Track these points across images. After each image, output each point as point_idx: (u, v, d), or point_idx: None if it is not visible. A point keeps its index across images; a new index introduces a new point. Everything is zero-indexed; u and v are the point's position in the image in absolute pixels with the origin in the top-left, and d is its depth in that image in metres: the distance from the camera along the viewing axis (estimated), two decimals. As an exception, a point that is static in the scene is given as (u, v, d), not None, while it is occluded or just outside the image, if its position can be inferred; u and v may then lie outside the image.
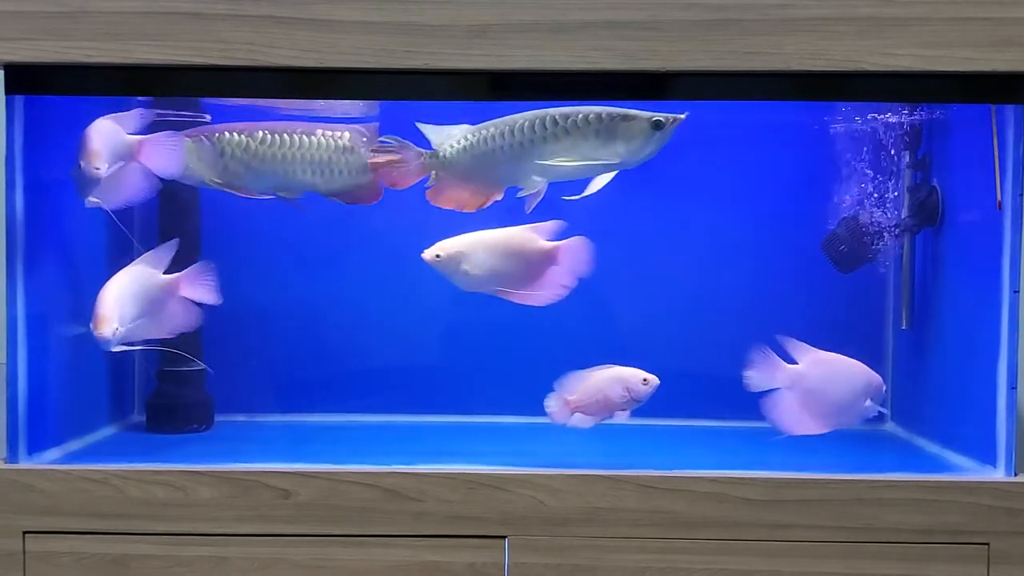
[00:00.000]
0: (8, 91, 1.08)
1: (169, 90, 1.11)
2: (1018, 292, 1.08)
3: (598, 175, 1.16)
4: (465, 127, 1.19)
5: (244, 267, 1.43)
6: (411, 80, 1.06)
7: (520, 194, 1.19)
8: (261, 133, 1.23)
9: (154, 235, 1.37)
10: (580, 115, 1.14)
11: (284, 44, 1.03)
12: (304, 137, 1.23)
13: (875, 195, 1.32)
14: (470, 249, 1.22)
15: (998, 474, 1.08)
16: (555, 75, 1.05)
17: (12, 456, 1.09)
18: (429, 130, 1.19)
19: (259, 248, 1.43)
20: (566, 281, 1.22)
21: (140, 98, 1.30)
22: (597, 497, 1.05)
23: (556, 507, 1.05)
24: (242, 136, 1.21)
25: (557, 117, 1.14)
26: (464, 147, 1.18)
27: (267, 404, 1.43)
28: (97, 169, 1.12)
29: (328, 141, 1.24)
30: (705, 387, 1.43)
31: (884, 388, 1.20)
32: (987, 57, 1.02)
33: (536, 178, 1.17)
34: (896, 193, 1.35)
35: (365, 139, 1.24)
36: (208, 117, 1.32)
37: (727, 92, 1.08)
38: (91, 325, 1.13)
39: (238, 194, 1.24)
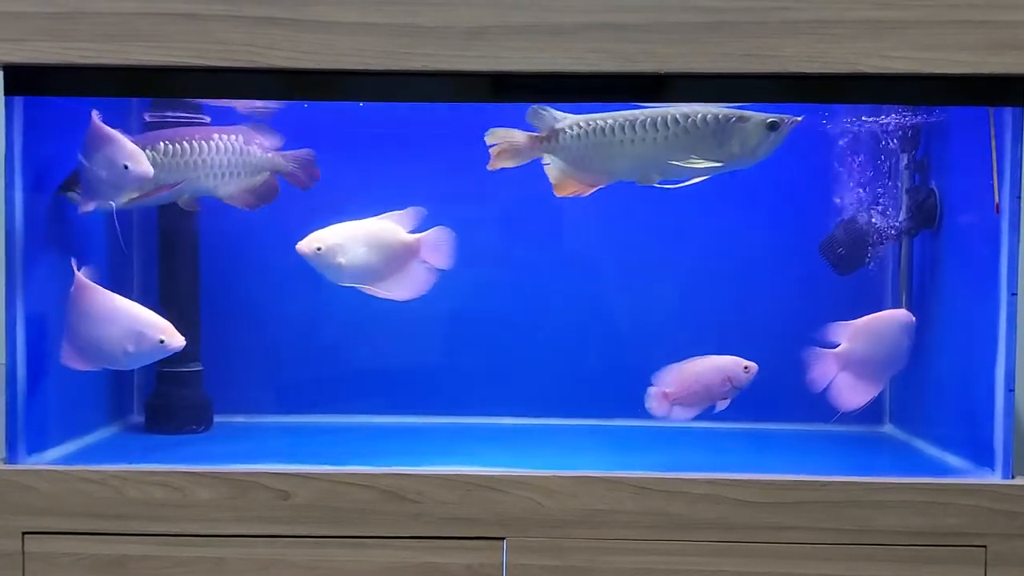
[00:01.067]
0: (7, 92, 1.08)
1: (167, 91, 1.12)
2: (1016, 295, 1.08)
3: (713, 174, 1.17)
4: (575, 116, 1.19)
5: (243, 268, 1.43)
6: (409, 81, 1.06)
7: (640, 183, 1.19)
8: (163, 144, 1.22)
9: (153, 235, 1.38)
10: (699, 115, 1.15)
11: (282, 46, 1.03)
12: (202, 143, 1.23)
13: (873, 198, 1.33)
14: (348, 241, 1.21)
15: (995, 476, 1.08)
16: (553, 77, 1.05)
17: (11, 456, 1.09)
18: (536, 115, 1.19)
19: (258, 249, 1.43)
20: (426, 275, 1.22)
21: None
22: (594, 499, 1.05)
23: (554, 509, 1.05)
24: (146, 150, 1.20)
25: (678, 117, 1.15)
26: (578, 135, 1.18)
27: (266, 405, 1.43)
28: (136, 168, 1.12)
29: (224, 144, 1.23)
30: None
31: (913, 318, 1.23)
32: (984, 60, 1.02)
33: (654, 175, 1.18)
34: (895, 196, 1.36)
35: (257, 140, 1.25)
36: (208, 119, 1.33)
37: (725, 94, 1.08)
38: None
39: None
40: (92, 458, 1.17)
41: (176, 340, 1.17)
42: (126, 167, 1.15)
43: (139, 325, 1.16)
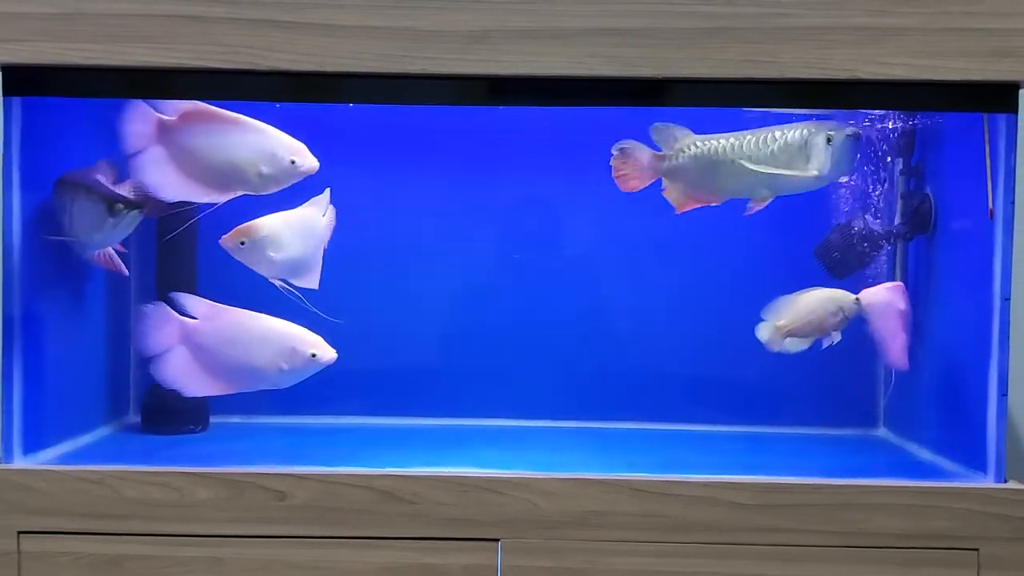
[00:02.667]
0: (6, 93, 1.08)
1: (167, 93, 1.12)
2: (1009, 299, 1.08)
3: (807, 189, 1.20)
4: (690, 135, 1.20)
5: (240, 268, 1.43)
6: (410, 85, 1.07)
7: (749, 206, 1.21)
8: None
9: (151, 232, 1.37)
10: (789, 132, 1.17)
11: (283, 48, 1.03)
12: None
13: (869, 202, 1.33)
14: (276, 232, 1.19)
15: (988, 480, 1.09)
16: (552, 81, 1.06)
17: (8, 456, 1.09)
18: (660, 132, 1.21)
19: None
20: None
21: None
22: (590, 500, 1.06)
23: (549, 510, 1.06)
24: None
25: (777, 135, 1.17)
26: (694, 155, 1.19)
27: (263, 405, 1.43)
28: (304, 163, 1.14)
29: None
30: (698, 391, 1.44)
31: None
32: (980, 67, 1.03)
33: (764, 191, 1.19)
34: (890, 200, 1.36)
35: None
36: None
37: (723, 99, 1.09)
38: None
39: None
40: (89, 458, 1.17)
41: (327, 353, 1.16)
42: (293, 162, 1.13)
43: (291, 341, 1.16)
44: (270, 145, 1.14)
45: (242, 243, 1.18)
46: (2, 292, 1.10)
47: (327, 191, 1.22)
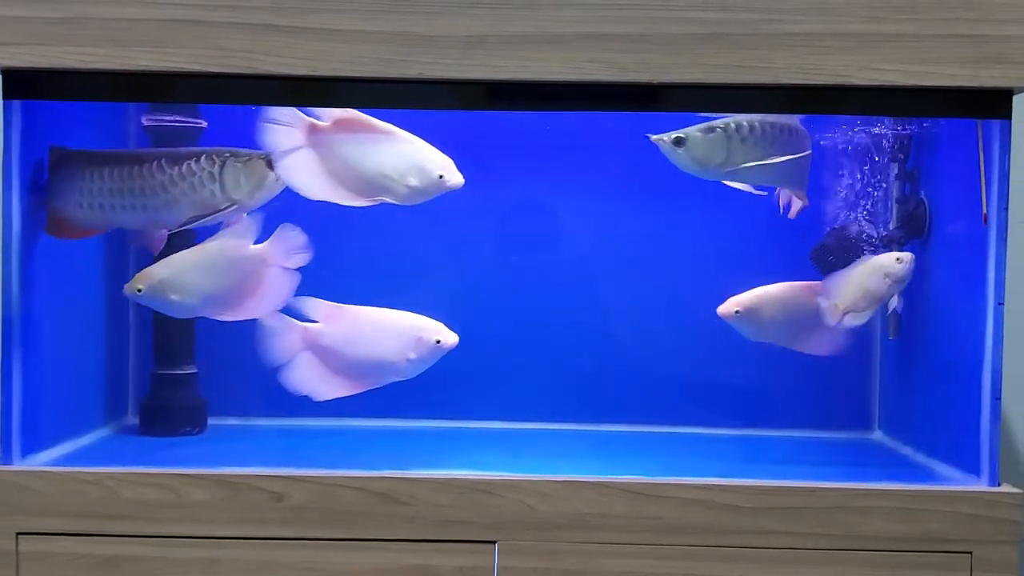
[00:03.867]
0: (6, 96, 1.09)
1: (167, 97, 1.12)
2: (1002, 304, 1.09)
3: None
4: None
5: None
6: (407, 89, 1.07)
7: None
8: None
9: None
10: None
11: (282, 52, 1.04)
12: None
13: (864, 207, 1.34)
14: (174, 274, 1.18)
15: (981, 483, 1.09)
16: (549, 85, 1.06)
17: (6, 457, 1.10)
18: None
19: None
20: (285, 280, 1.19)
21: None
22: (585, 503, 1.06)
23: (545, 512, 1.06)
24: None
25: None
26: None
27: (260, 407, 1.43)
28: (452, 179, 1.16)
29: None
30: (692, 394, 1.44)
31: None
32: (974, 73, 1.04)
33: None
34: (885, 205, 1.37)
35: None
36: (204, 123, 1.33)
37: (718, 104, 1.10)
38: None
39: None
40: (87, 459, 1.18)
41: (450, 338, 1.17)
42: (441, 176, 1.14)
43: (415, 331, 1.17)
44: (420, 158, 1.16)
45: (139, 290, 1.17)
46: (2, 292, 1.10)
47: (247, 217, 1.19)
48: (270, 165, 1.13)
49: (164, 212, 1.15)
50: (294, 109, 1.16)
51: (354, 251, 1.43)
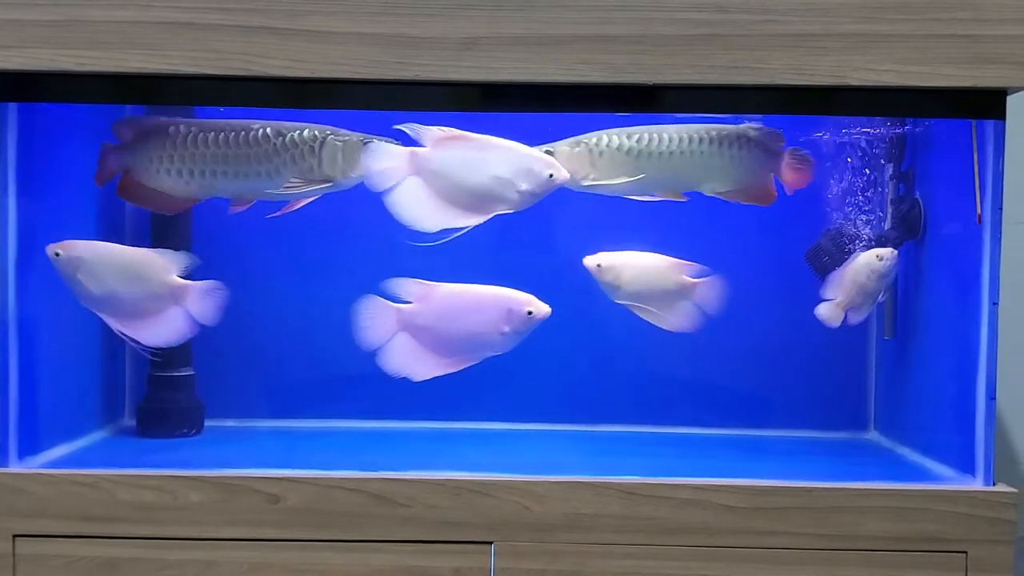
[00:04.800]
0: (1, 98, 1.09)
1: (162, 99, 1.12)
2: (997, 304, 1.09)
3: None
4: None
5: (235, 271, 1.44)
6: (402, 91, 1.08)
7: None
8: None
9: (146, 238, 1.38)
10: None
11: (277, 54, 1.04)
12: None
13: (859, 208, 1.34)
14: (92, 259, 1.14)
15: (976, 483, 1.10)
16: (544, 87, 1.07)
17: (3, 459, 1.10)
18: None
19: (250, 252, 1.43)
20: (182, 325, 1.16)
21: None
22: (582, 503, 1.07)
23: (541, 513, 1.07)
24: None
25: None
26: None
27: (257, 409, 1.44)
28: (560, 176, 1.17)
29: None
30: (689, 394, 1.44)
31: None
32: (968, 74, 1.04)
33: None
34: (880, 206, 1.37)
35: None
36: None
37: (713, 105, 1.10)
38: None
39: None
40: (84, 462, 1.18)
41: (541, 308, 1.17)
42: (551, 175, 1.15)
43: (506, 303, 1.16)
44: (526, 162, 1.16)
45: (57, 254, 1.14)
46: (-2, 296, 1.11)
47: (184, 255, 1.19)
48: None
49: (264, 181, 1.16)
50: (393, 142, 1.16)
51: (352, 251, 1.43)
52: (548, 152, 1.20)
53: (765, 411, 1.44)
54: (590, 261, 1.27)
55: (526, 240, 1.44)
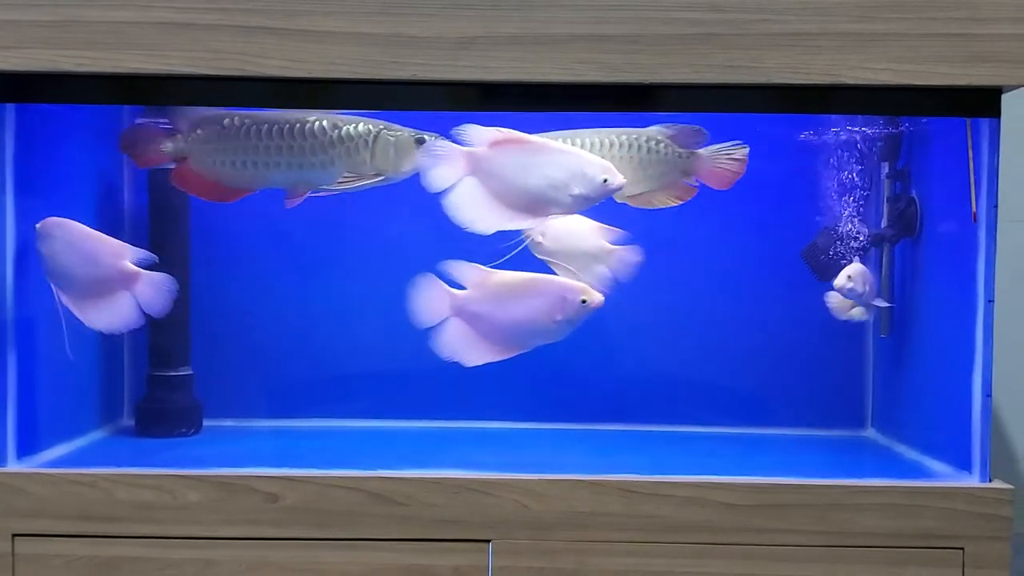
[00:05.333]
0: None
1: (159, 99, 1.12)
2: (993, 301, 1.10)
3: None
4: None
5: (233, 271, 1.44)
6: (399, 90, 1.08)
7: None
8: None
9: (144, 238, 1.38)
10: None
11: (274, 54, 1.04)
12: None
13: (855, 206, 1.34)
14: (59, 237, 1.14)
15: (973, 480, 1.10)
16: (541, 86, 1.07)
17: (2, 459, 1.10)
18: None
19: (248, 253, 1.44)
20: (130, 313, 1.16)
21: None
22: (580, 501, 1.07)
23: (540, 511, 1.07)
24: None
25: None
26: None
27: (255, 409, 1.44)
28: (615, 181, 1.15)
29: None
30: (687, 393, 1.45)
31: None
32: (963, 72, 1.04)
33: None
34: (876, 204, 1.38)
35: None
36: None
37: (709, 104, 1.10)
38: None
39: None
40: (82, 461, 1.18)
41: (595, 297, 1.16)
42: (605, 180, 1.15)
43: (560, 291, 1.16)
44: (580, 165, 1.16)
45: (38, 227, 1.14)
46: (-4, 297, 1.11)
47: (143, 250, 1.18)
48: (419, 144, 1.14)
49: (318, 173, 1.16)
50: (447, 141, 1.16)
51: (352, 251, 1.43)
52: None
53: (763, 409, 1.44)
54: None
55: (523, 239, 1.45)
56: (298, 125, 1.16)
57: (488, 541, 1.07)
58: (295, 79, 1.05)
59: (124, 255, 1.16)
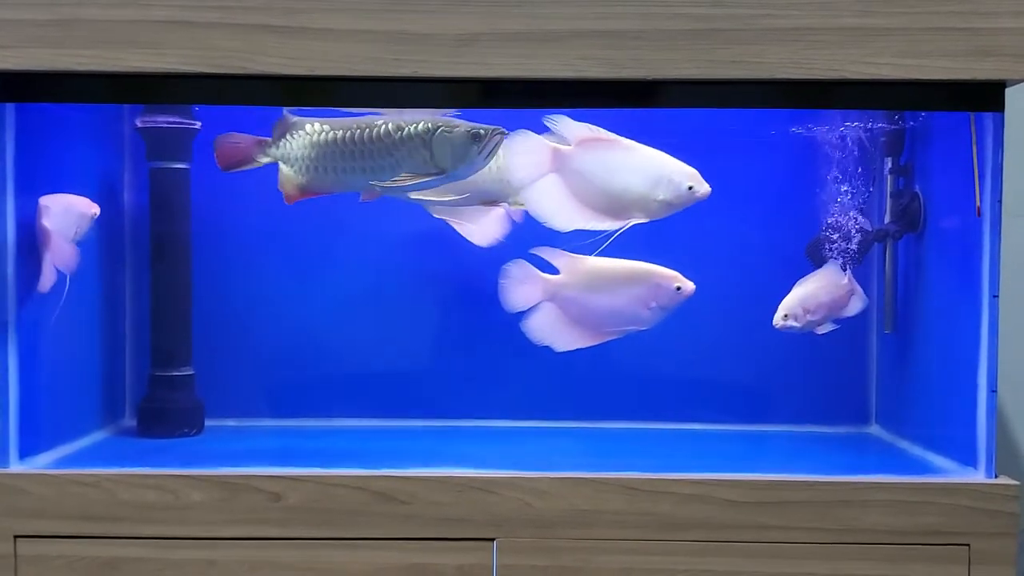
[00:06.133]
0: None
1: (160, 97, 1.12)
2: (997, 296, 1.09)
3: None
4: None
5: (234, 271, 1.44)
6: (400, 88, 1.07)
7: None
8: None
9: (144, 237, 1.38)
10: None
11: (274, 52, 1.04)
12: None
13: (858, 202, 1.34)
14: (79, 218, 1.17)
15: (978, 476, 1.10)
16: (543, 83, 1.06)
17: (3, 460, 1.09)
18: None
19: (249, 253, 1.43)
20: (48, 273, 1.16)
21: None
22: (583, 499, 1.07)
23: (543, 509, 1.07)
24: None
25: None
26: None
27: (257, 408, 1.44)
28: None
29: None
30: (690, 390, 1.44)
31: None
32: (966, 66, 1.04)
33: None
34: (879, 199, 1.37)
35: None
36: (198, 124, 1.34)
37: (711, 100, 1.09)
38: None
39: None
40: (84, 462, 1.18)
41: (688, 285, 1.18)
42: (690, 188, 1.16)
43: (653, 278, 1.17)
44: (667, 171, 1.16)
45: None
46: (-3, 296, 1.10)
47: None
48: (475, 139, 1.13)
49: (386, 174, 1.17)
50: (534, 135, 1.17)
51: (351, 251, 1.43)
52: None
53: (766, 406, 1.44)
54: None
55: (523, 238, 1.44)
56: (367, 130, 1.16)
57: (492, 539, 1.07)
58: (296, 77, 1.05)
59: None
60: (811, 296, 1.26)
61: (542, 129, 1.20)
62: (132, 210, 1.41)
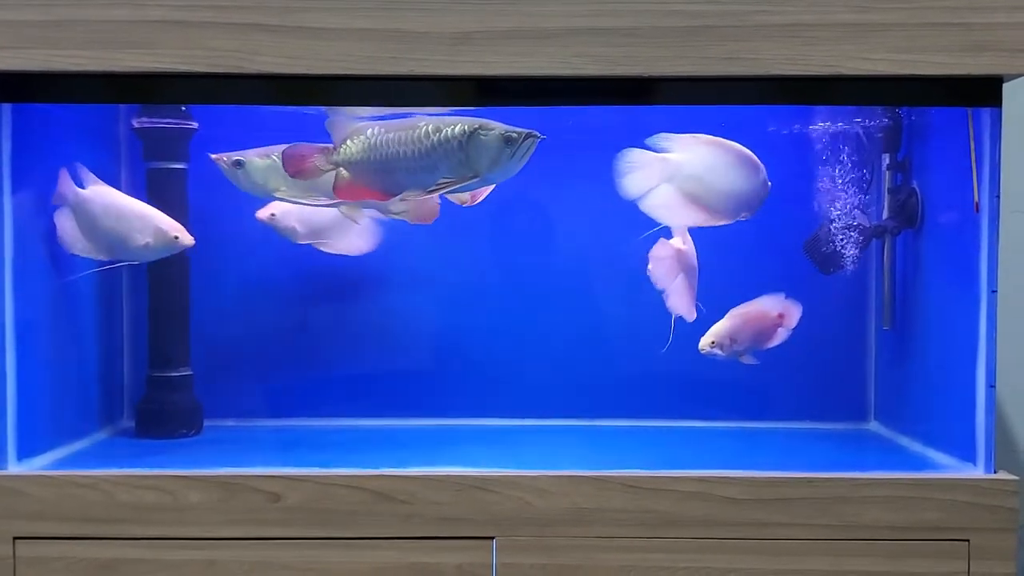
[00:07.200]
0: (-4, 99, 1.09)
1: (156, 98, 1.12)
2: (996, 292, 1.09)
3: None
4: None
5: (231, 271, 1.44)
6: (397, 87, 1.07)
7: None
8: None
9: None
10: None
11: (270, 51, 1.04)
12: None
13: (856, 198, 1.34)
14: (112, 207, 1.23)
15: (978, 471, 1.10)
16: (539, 81, 1.06)
17: (2, 462, 1.09)
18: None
19: (247, 253, 1.43)
20: None
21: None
22: (583, 497, 1.06)
23: (543, 508, 1.06)
24: None
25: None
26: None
27: (256, 409, 1.44)
28: None
29: None
30: (689, 387, 1.44)
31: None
32: (962, 62, 1.04)
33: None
34: (877, 195, 1.37)
35: None
36: (195, 124, 1.33)
37: (708, 96, 1.09)
38: None
39: None
40: (83, 463, 1.18)
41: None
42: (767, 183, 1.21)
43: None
44: (764, 175, 1.22)
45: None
46: (-5, 298, 1.10)
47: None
48: (508, 143, 1.13)
49: (428, 176, 1.17)
50: (643, 151, 1.21)
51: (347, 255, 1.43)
52: (238, 162, 1.24)
53: (766, 403, 1.44)
54: (263, 213, 1.33)
55: (524, 237, 1.45)
56: (411, 132, 1.16)
57: (492, 538, 1.06)
58: (291, 76, 1.05)
59: None
60: (739, 329, 1.30)
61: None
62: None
